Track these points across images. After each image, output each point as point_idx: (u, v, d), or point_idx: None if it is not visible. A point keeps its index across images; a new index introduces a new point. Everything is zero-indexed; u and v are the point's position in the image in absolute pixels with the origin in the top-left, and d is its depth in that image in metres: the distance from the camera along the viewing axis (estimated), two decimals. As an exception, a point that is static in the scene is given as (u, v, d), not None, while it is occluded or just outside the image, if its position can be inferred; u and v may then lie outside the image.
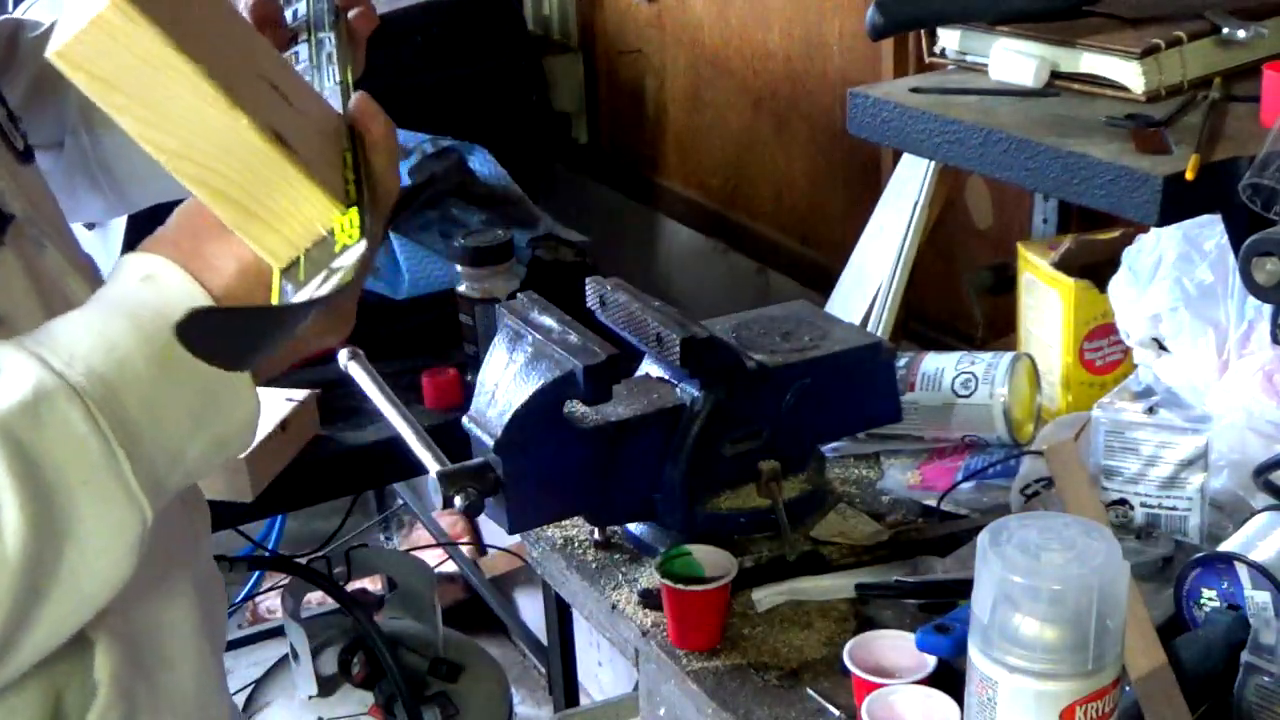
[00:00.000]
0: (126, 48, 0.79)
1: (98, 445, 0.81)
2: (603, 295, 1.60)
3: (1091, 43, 1.42)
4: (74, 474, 0.80)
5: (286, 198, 0.84)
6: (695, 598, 1.39)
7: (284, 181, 0.84)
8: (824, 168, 2.40)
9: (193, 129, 0.82)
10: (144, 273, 0.86)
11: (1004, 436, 1.67)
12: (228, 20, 0.93)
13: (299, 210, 0.84)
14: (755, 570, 1.49)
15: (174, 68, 0.80)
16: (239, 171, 0.83)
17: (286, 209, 0.84)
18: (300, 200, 0.84)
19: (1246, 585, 1.26)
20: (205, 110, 0.81)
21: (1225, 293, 1.55)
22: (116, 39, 0.79)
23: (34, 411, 0.79)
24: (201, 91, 0.81)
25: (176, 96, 0.81)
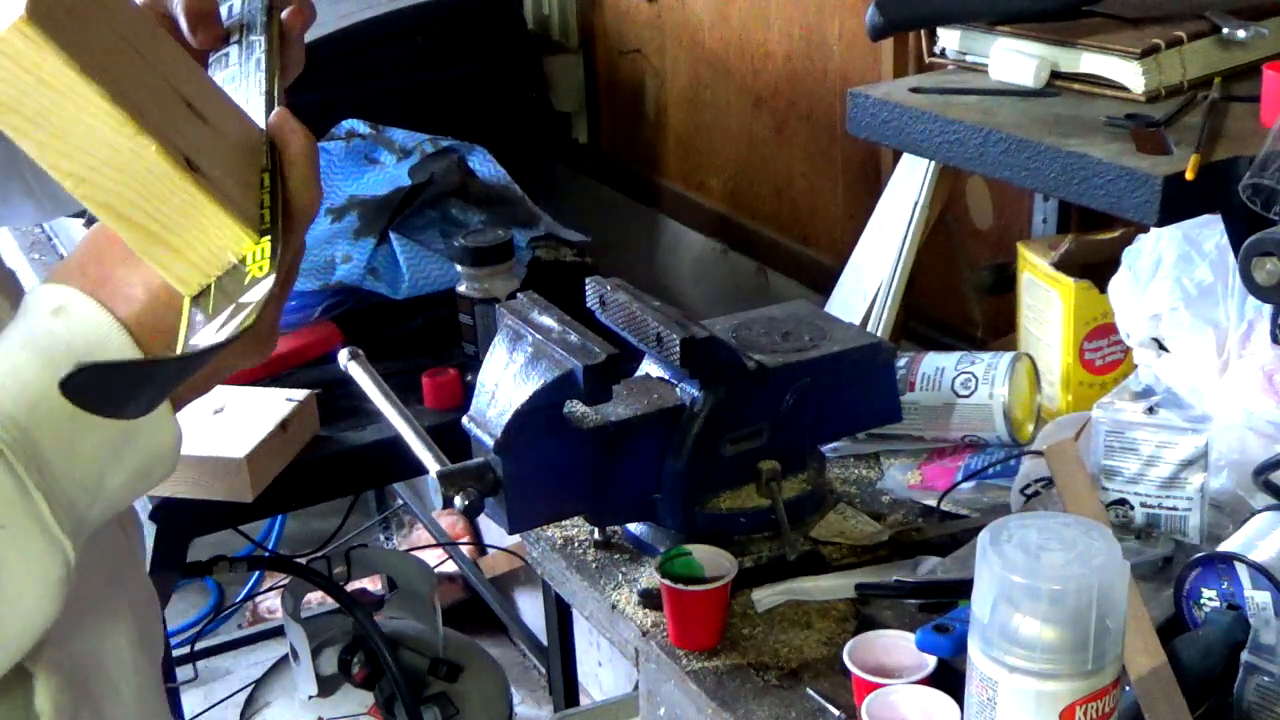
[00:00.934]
0: (27, 70, 0.76)
1: (12, 488, 0.79)
2: (603, 295, 1.60)
3: (1091, 43, 1.42)
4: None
5: (195, 224, 0.81)
6: (695, 598, 1.39)
7: (192, 208, 0.81)
8: (824, 168, 2.40)
9: (97, 153, 0.79)
10: (54, 305, 0.83)
11: (1004, 436, 1.67)
12: (144, 35, 0.90)
13: (208, 237, 0.82)
14: (755, 570, 1.49)
15: (78, 93, 0.78)
16: (145, 197, 0.80)
17: (195, 236, 0.82)
18: (209, 227, 0.82)
19: (1246, 585, 1.26)
20: (110, 135, 0.79)
21: (1225, 293, 1.55)
22: (17, 61, 0.76)
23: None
24: (107, 116, 0.78)
25: (79, 120, 0.78)
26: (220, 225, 0.82)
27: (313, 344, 2.10)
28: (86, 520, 0.84)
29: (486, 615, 3.30)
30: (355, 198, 2.20)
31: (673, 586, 1.39)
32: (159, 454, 0.86)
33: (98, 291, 0.83)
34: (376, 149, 2.27)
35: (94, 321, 0.82)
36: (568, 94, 2.96)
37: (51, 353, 0.82)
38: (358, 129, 2.30)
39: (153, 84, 0.85)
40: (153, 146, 0.79)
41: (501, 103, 2.62)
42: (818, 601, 1.46)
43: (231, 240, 0.82)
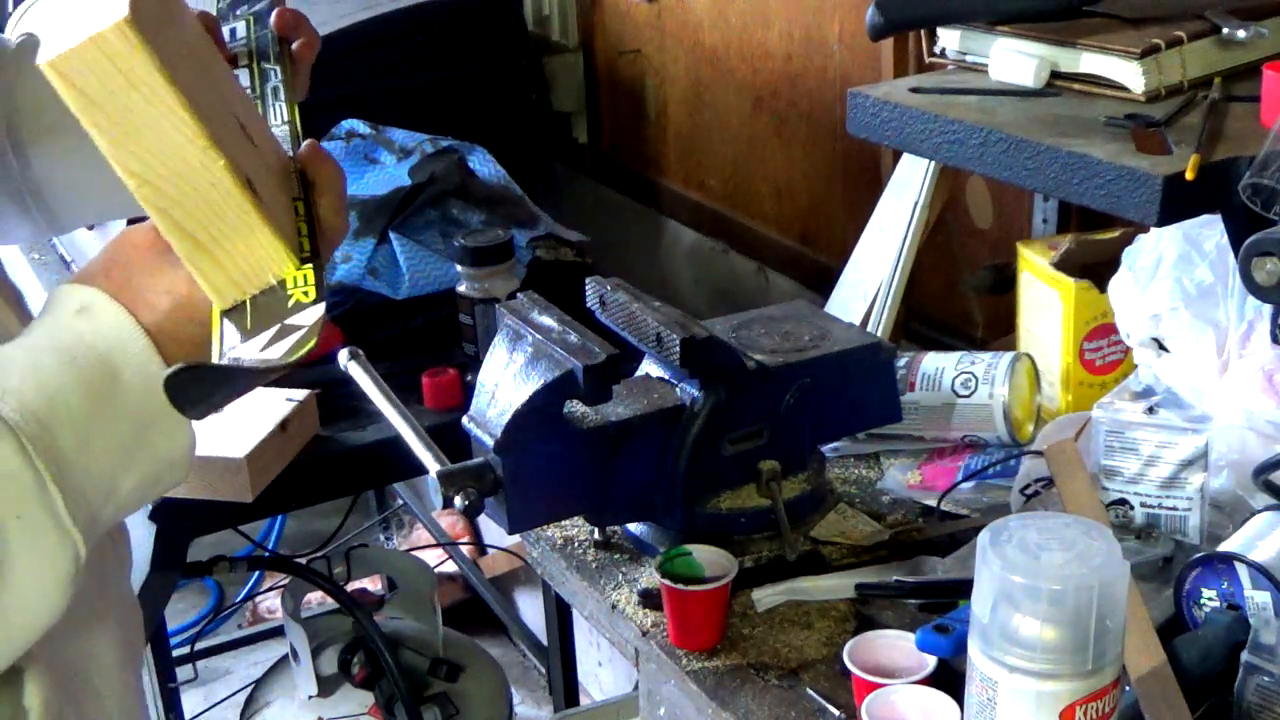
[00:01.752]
0: (120, 70, 0.79)
1: (30, 480, 0.80)
2: (603, 295, 1.60)
3: (1091, 43, 1.42)
4: (5, 508, 0.79)
5: (244, 241, 0.84)
6: (695, 598, 1.39)
7: (246, 227, 0.84)
8: (824, 168, 2.40)
9: (166, 159, 0.81)
10: (78, 305, 0.85)
11: (1004, 436, 1.67)
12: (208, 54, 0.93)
13: (253, 255, 0.84)
14: (755, 570, 1.49)
15: (162, 99, 0.80)
16: (202, 208, 0.82)
17: (241, 252, 0.84)
18: (257, 247, 0.84)
19: (1246, 585, 1.26)
20: (183, 145, 0.81)
21: (1225, 293, 1.55)
22: (113, 60, 0.79)
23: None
24: (184, 126, 0.81)
25: (158, 126, 0.81)
26: (268, 247, 0.84)
27: (313, 344, 2.09)
28: (98, 520, 0.85)
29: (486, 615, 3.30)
30: (355, 198, 2.20)
31: (673, 586, 1.39)
32: (172, 460, 0.87)
33: (121, 295, 0.85)
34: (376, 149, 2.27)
35: (116, 324, 0.84)
36: (568, 94, 2.96)
37: (73, 351, 0.83)
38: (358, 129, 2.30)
39: (215, 102, 0.87)
40: (221, 162, 0.82)
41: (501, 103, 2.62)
42: (818, 601, 1.46)
43: (275, 262, 0.85)
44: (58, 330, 0.85)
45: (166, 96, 0.80)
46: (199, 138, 0.81)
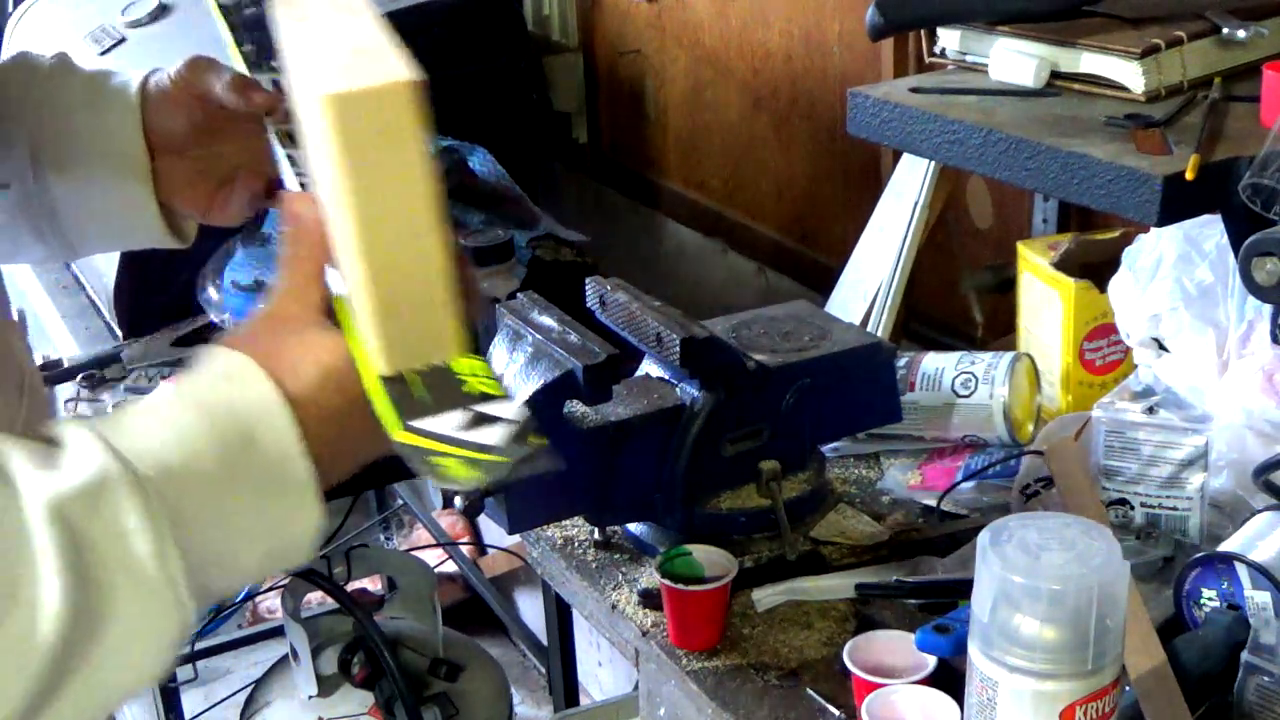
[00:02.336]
0: (392, 125, 0.79)
1: (152, 540, 0.78)
2: (603, 295, 1.60)
3: (1091, 43, 1.42)
4: (121, 566, 0.77)
5: (430, 317, 0.84)
6: (695, 598, 1.39)
7: (436, 303, 0.84)
8: (824, 168, 2.40)
9: (395, 218, 0.81)
10: (227, 370, 0.84)
11: (1004, 436, 1.67)
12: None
13: (432, 332, 0.84)
14: (755, 570, 1.49)
15: (415, 165, 0.81)
16: (407, 274, 0.82)
17: (424, 326, 0.84)
18: (438, 325, 0.84)
19: (1246, 585, 1.26)
20: (417, 211, 0.82)
21: (1225, 293, 1.55)
22: (391, 114, 0.79)
23: (93, 498, 0.77)
24: (424, 195, 0.81)
25: (400, 187, 0.81)
26: (448, 328, 0.85)
27: (313, 344, 2.09)
28: (210, 590, 0.83)
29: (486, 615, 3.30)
30: (355, 198, 2.20)
31: (673, 586, 1.39)
32: (296, 540, 0.85)
33: (269, 363, 0.84)
34: (376, 149, 2.27)
35: (262, 394, 0.83)
36: (568, 94, 2.96)
37: (215, 414, 0.82)
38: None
39: None
40: (439, 239, 0.83)
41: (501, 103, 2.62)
42: (818, 601, 1.46)
43: (448, 348, 0.85)
44: (204, 394, 0.83)
45: (419, 163, 0.81)
46: (431, 210, 0.82)
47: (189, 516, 0.79)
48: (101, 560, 0.76)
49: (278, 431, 0.82)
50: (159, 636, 0.79)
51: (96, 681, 0.78)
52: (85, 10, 2.64)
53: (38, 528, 0.75)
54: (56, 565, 0.75)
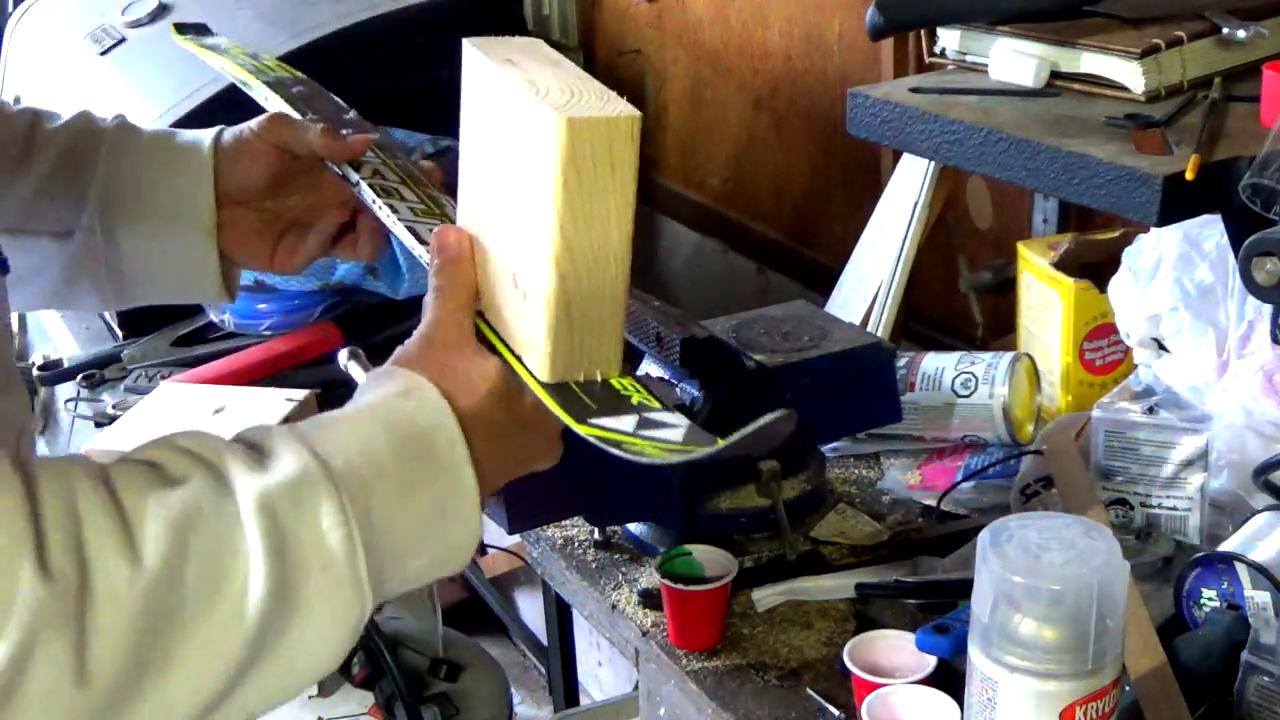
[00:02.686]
0: (614, 154, 0.90)
1: (344, 535, 0.84)
2: (603, 295, 1.60)
3: (1091, 43, 1.42)
4: (317, 558, 0.84)
5: (601, 336, 0.92)
6: (695, 598, 1.39)
7: (608, 324, 0.92)
8: (824, 168, 2.40)
9: (594, 241, 0.90)
10: (405, 388, 0.91)
11: (1004, 436, 1.67)
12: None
13: (600, 350, 0.92)
14: (755, 570, 1.49)
15: (624, 193, 0.91)
16: (591, 293, 0.90)
17: (593, 344, 0.92)
18: (606, 344, 0.93)
19: (1246, 585, 1.26)
20: (614, 238, 0.91)
21: (1225, 293, 1.55)
22: (615, 143, 0.90)
23: (296, 493, 0.84)
24: (624, 223, 0.92)
25: (605, 212, 0.91)
26: (614, 347, 0.93)
27: (313, 344, 2.10)
28: (383, 589, 0.88)
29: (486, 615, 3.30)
30: (355, 198, 2.20)
31: (673, 586, 1.39)
32: (458, 548, 0.92)
33: (441, 380, 0.92)
34: (376, 149, 2.27)
35: (438, 406, 0.91)
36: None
37: (397, 429, 0.90)
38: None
39: None
40: (626, 257, 0.92)
41: (501, 103, 2.62)
42: (818, 601, 1.46)
43: (612, 364, 0.94)
44: (384, 407, 0.90)
45: (627, 194, 0.91)
46: (626, 240, 0.91)
47: (374, 518, 0.86)
48: (301, 552, 0.83)
49: (451, 444, 0.90)
50: (342, 626, 0.86)
51: (286, 665, 0.84)
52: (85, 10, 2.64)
53: (248, 520, 0.82)
54: (263, 554, 0.82)
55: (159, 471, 0.83)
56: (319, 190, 1.21)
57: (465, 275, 0.98)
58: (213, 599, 0.81)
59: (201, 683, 0.81)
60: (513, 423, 0.95)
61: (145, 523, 0.80)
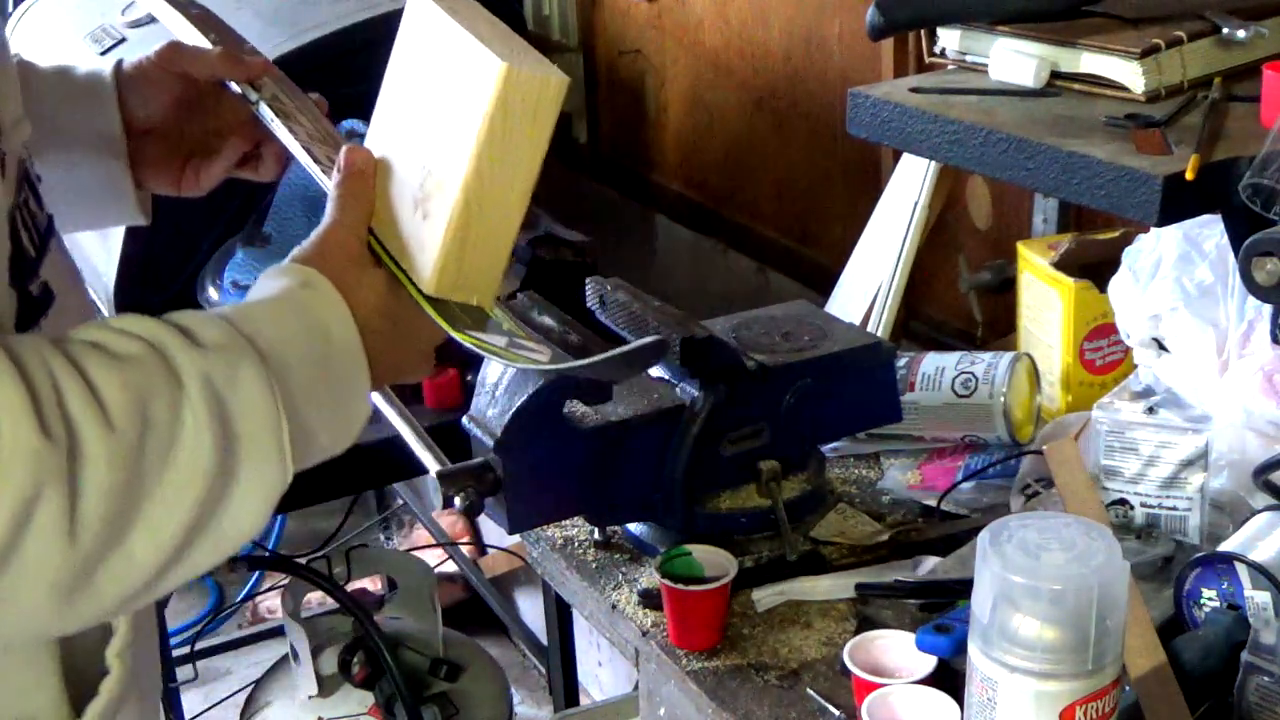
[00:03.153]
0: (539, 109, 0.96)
1: (270, 407, 0.91)
2: (603, 295, 1.60)
3: (1091, 43, 1.42)
4: (249, 426, 0.90)
5: (487, 264, 1.00)
6: (695, 598, 1.39)
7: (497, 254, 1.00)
8: (824, 168, 2.40)
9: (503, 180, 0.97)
10: (304, 280, 0.98)
11: (1004, 436, 1.67)
12: None
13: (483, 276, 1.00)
14: (755, 570, 1.49)
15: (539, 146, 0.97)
16: (486, 222, 0.98)
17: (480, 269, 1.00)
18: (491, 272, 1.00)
19: (1246, 585, 1.26)
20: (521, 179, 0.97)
21: (1225, 293, 1.55)
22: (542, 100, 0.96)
23: (231, 369, 0.90)
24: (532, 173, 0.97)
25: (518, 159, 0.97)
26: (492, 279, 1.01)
27: (313, 344, 2.09)
28: (299, 462, 0.94)
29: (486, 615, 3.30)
30: (355, 198, 2.20)
31: (673, 586, 1.39)
32: (350, 428, 1.00)
33: (336, 280, 0.98)
34: (376, 149, 2.27)
35: (333, 300, 0.98)
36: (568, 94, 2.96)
37: (303, 315, 0.96)
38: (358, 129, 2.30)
39: None
40: (523, 207, 0.99)
41: (502, 103, 2.62)
42: (818, 601, 1.46)
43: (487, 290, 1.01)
44: (290, 297, 0.97)
45: (541, 147, 0.97)
46: (528, 188, 0.98)
47: (291, 391, 0.93)
48: (238, 423, 0.89)
49: (346, 331, 0.97)
50: (268, 495, 0.92)
51: (224, 529, 0.90)
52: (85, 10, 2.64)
53: (194, 393, 0.87)
54: (207, 425, 0.87)
55: (106, 350, 0.87)
56: (221, 114, 1.23)
57: (366, 191, 1.03)
58: (170, 465, 0.86)
59: (162, 542, 0.87)
60: (394, 331, 1.01)
61: (111, 392, 0.85)
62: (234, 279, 2.12)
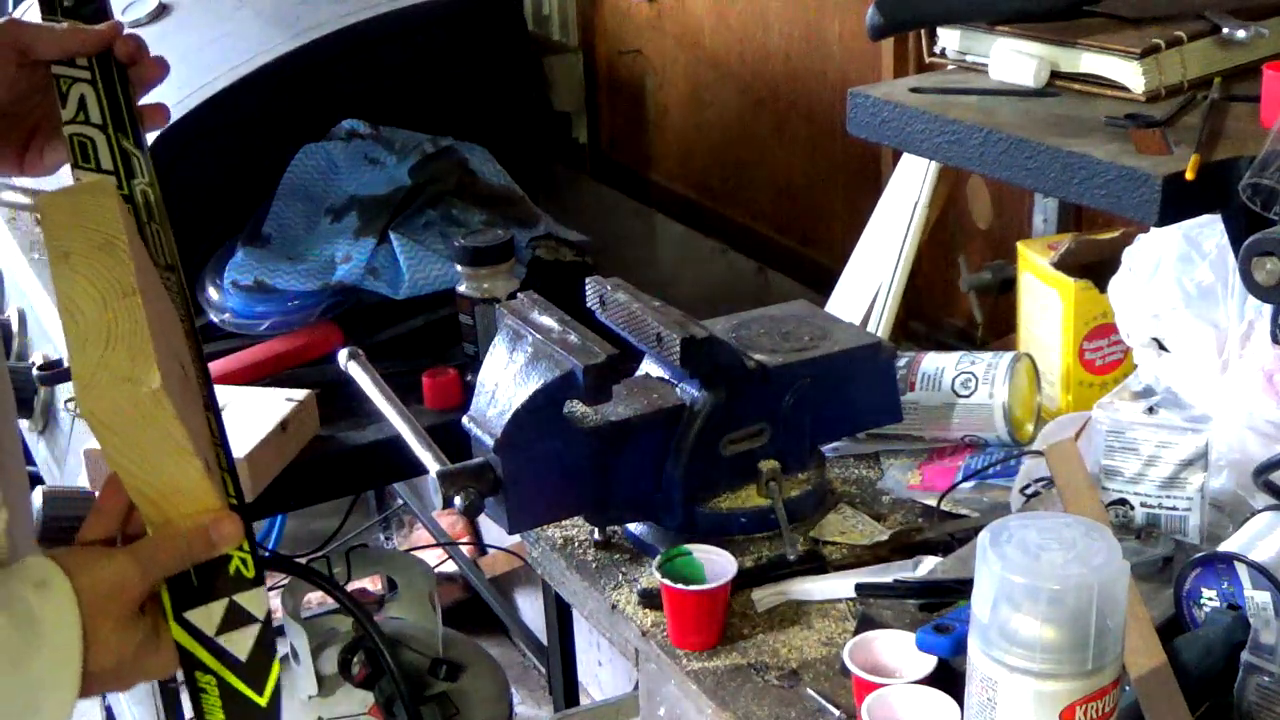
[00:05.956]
0: (144, 417, 0.91)
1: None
2: (603, 295, 1.60)
3: (1091, 43, 1.42)
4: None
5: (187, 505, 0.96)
6: (695, 598, 1.39)
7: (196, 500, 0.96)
8: (824, 168, 2.40)
9: (161, 474, 0.94)
10: (39, 578, 0.93)
11: (1004, 436, 1.67)
12: (156, 290, 1.02)
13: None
14: (755, 570, 1.49)
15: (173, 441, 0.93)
16: (170, 491, 0.95)
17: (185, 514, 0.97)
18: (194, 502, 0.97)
19: (1246, 585, 1.26)
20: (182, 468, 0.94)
21: (1225, 293, 1.55)
22: (140, 410, 0.91)
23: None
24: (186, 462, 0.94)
25: (160, 455, 0.93)
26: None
27: (313, 344, 2.09)
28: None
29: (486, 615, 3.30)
30: (355, 198, 2.20)
31: (673, 586, 1.39)
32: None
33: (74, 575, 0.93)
34: (376, 149, 2.27)
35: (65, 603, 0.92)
36: (568, 94, 2.96)
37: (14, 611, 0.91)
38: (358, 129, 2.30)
39: (173, 364, 0.98)
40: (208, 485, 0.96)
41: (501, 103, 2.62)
42: (818, 601, 1.46)
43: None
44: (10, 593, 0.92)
45: (177, 440, 0.93)
46: (195, 470, 0.94)
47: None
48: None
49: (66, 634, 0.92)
50: None
51: None
52: (85, 10, 2.64)
53: None
54: None
55: None
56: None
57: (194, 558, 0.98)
58: None
59: None
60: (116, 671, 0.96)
61: None
62: (234, 279, 2.12)
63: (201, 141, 2.20)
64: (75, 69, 1.12)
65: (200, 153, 2.20)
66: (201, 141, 2.20)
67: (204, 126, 2.19)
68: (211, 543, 0.97)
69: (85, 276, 0.94)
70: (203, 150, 2.20)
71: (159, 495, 0.96)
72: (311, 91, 2.30)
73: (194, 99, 2.21)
